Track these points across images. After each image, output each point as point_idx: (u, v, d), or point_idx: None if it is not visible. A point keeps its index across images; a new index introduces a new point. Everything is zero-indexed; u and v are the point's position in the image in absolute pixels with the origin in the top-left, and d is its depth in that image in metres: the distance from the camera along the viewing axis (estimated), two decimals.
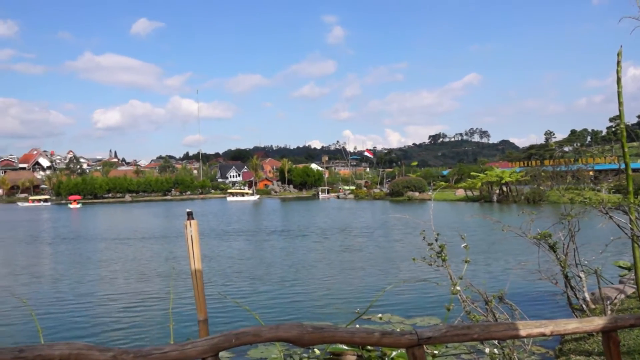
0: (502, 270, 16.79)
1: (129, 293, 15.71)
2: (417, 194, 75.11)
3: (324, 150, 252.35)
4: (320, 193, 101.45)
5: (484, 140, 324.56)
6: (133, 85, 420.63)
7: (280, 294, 14.80)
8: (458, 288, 6.00)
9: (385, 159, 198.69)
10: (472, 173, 72.17)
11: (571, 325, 3.35)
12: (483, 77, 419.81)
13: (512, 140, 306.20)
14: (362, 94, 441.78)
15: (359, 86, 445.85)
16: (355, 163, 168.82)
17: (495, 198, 61.20)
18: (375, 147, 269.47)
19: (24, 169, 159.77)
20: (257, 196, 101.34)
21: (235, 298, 13.36)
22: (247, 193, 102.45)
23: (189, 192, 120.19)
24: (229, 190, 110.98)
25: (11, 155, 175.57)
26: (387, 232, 31.30)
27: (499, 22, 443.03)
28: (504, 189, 62.57)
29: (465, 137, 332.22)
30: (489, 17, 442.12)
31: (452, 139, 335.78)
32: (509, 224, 8.14)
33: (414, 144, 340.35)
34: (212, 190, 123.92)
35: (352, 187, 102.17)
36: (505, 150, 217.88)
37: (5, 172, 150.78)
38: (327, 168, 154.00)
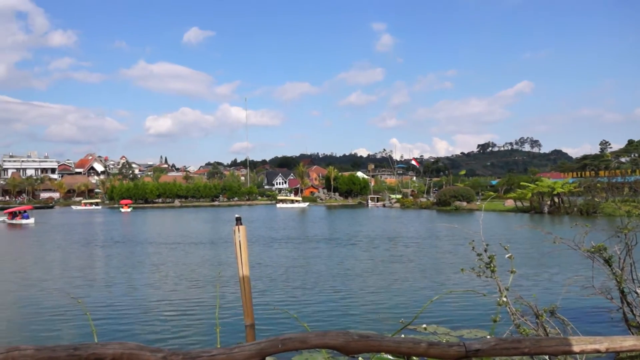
0: (554, 283, 16.30)
1: (178, 296, 16.02)
2: (464, 203, 73.87)
3: (370, 159, 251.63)
4: (369, 201, 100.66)
5: (535, 149, 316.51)
6: (184, 93, 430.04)
7: (326, 301, 14.79)
8: (505, 299, 5.86)
9: (432, 168, 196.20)
10: (522, 183, 70.29)
11: (628, 342, 3.21)
12: (535, 85, 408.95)
13: (564, 150, 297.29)
14: (409, 102, 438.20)
15: (407, 94, 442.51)
16: (401, 172, 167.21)
17: (546, 209, 59.51)
18: (422, 156, 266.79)
19: (79, 173, 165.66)
20: (307, 203, 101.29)
21: (282, 304, 13.44)
22: (296, 200, 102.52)
23: (236, 198, 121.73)
24: (279, 197, 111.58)
25: (68, 160, 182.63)
26: (434, 242, 30.87)
27: (553, 29, 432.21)
28: (556, 200, 60.77)
29: (515, 147, 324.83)
30: (543, 24, 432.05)
31: (502, 149, 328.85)
32: (561, 235, 7.90)
33: (462, 153, 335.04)
34: (259, 197, 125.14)
35: (399, 196, 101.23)
36: (558, 161, 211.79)
37: (62, 176, 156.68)
38: (373, 176, 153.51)
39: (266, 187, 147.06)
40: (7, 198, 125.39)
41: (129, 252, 27.92)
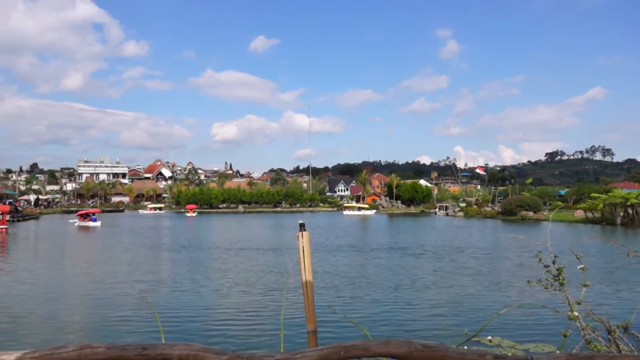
0: (627, 298, 15.51)
1: (242, 300, 16.31)
2: (531, 213, 71.45)
3: (433, 167, 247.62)
4: (437, 210, 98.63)
5: (607, 158, 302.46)
6: (250, 100, 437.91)
7: (388, 310, 14.67)
8: (576, 314, 5.61)
9: (498, 177, 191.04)
10: (592, 194, 67.27)
11: None
12: (609, 92, 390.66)
13: (639, 159, 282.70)
14: (474, 109, 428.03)
15: (472, 101, 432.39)
16: (465, 180, 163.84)
17: (618, 221, 56.71)
18: (487, 164, 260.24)
19: (148, 178, 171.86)
20: (374, 211, 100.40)
21: (344, 311, 13.42)
22: (363, 207, 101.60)
23: (298, 205, 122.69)
24: (345, 204, 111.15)
25: (138, 165, 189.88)
26: (499, 253, 30.03)
27: (628, 33, 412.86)
28: (630, 211, 57.79)
29: (585, 155, 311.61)
30: (617, 28, 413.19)
31: (571, 157, 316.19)
32: (636, 249, 7.51)
33: (528, 161, 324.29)
34: (321, 204, 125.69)
35: (463, 205, 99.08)
36: (631, 170, 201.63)
37: (132, 181, 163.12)
38: (436, 184, 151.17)
39: (328, 194, 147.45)
40: (80, 202, 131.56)
41: (195, 256, 28.67)
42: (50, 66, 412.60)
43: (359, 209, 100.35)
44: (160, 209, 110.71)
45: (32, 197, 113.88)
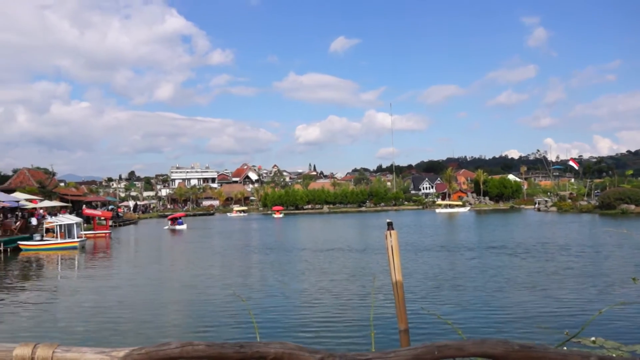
0: None
1: (331, 300, 16.48)
2: (632, 206, 67.05)
3: (522, 160, 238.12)
4: (538, 205, 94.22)
5: None
6: (331, 101, 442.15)
7: (481, 309, 14.32)
8: None
9: (594, 169, 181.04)
10: None
11: None
12: None
13: None
14: (566, 99, 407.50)
15: (563, 90, 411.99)
16: (557, 173, 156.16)
17: None
18: (581, 156, 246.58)
19: (236, 182, 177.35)
20: (467, 207, 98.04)
21: (435, 311, 13.23)
22: (456, 204, 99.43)
23: (382, 204, 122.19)
24: (438, 202, 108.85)
25: (226, 170, 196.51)
26: (599, 249, 28.33)
27: None
28: None
29: None
30: None
31: None
32: None
33: (628, 151, 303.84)
34: (406, 202, 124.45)
35: (555, 199, 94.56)
36: None
37: (221, 185, 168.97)
38: (525, 179, 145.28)
39: (412, 192, 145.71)
40: (174, 206, 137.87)
41: (283, 257, 29.28)
42: (144, 79, 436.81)
43: (451, 206, 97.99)
44: (244, 211, 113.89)
45: (131, 203, 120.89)
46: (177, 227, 61.48)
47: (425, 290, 17.51)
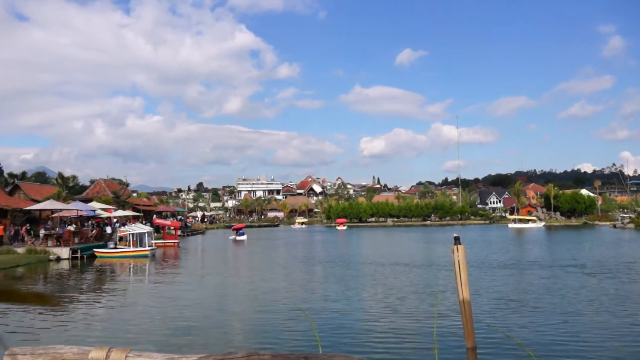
0: None
1: (393, 314, 16.26)
2: None
3: (596, 175, 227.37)
4: (621, 220, 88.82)
5: None
6: (397, 113, 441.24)
7: (553, 330, 13.68)
8: None
9: None
10: None
11: None
12: None
13: None
14: None
15: None
16: (635, 188, 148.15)
17: None
18: None
19: (300, 194, 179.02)
20: (543, 223, 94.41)
21: (503, 330, 12.81)
22: (531, 219, 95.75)
23: (448, 218, 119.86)
24: (509, 217, 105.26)
25: (291, 182, 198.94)
26: None
27: None
28: None
29: None
30: None
31: None
32: None
33: None
34: (472, 217, 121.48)
35: (633, 216, 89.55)
36: None
37: (286, 197, 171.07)
38: (599, 194, 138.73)
39: (479, 206, 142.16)
40: (240, 217, 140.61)
41: (346, 270, 29.18)
42: (214, 93, 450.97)
43: (524, 221, 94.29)
44: (303, 224, 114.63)
45: (199, 214, 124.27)
46: (238, 237, 62.62)
47: (494, 307, 16.96)
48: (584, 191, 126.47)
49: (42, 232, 40.31)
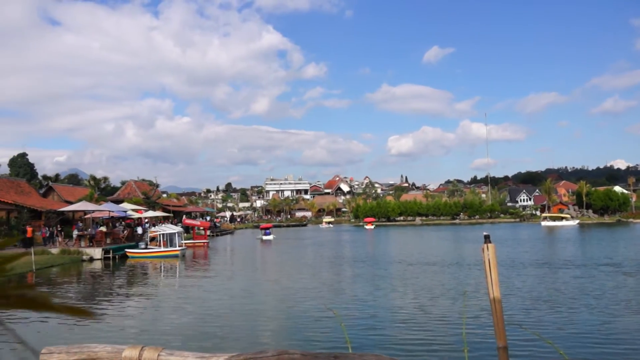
0: None
1: (422, 314, 16.15)
2: None
3: (631, 171, 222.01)
4: None
5: None
6: (424, 112, 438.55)
7: (587, 331, 13.41)
8: None
9: None
10: None
11: None
12: None
13: None
14: None
15: None
16: None
17: None
18: None
19: (328, 193, 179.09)
20: (577, 221, 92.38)
21: (535, 330, 12.62)
22: (564, 217, 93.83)
23: (477, 216, 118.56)
24: (544, 215, 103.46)
25: (318, 181, 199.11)
26: None
27: None
28: None
29: None
30: None
31: None
32: None
33: None
34: (502, 215, 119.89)
35: None
36: None
37: (313, 196, 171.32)
38: (634, 191, 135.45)
39: (509, 204, 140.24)
40: (268, 217, 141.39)
41: (375, 269, 29.09)
42: (241, 93, 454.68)
43: (557, 218, 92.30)
44: (331, 223, 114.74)
45: (228, 214, 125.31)
46: (265, 237, 62.94)
47: (525, 307, 16.70)
48: (617, 188, 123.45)
49: (75, 233, 41.18)
